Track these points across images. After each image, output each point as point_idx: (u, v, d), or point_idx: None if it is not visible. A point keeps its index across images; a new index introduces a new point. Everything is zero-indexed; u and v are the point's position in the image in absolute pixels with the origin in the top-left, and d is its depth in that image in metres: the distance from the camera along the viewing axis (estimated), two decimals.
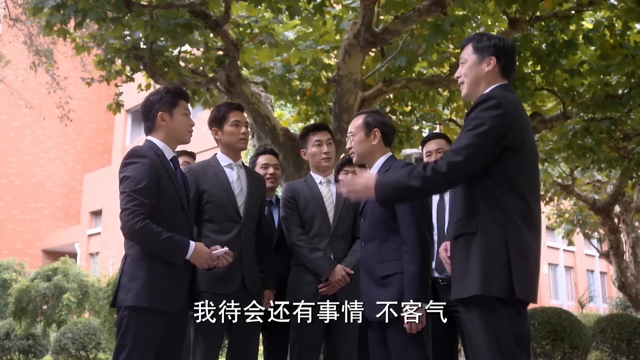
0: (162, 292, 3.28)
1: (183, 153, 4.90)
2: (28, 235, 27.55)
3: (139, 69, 7.22)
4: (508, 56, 3.02)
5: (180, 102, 3.57)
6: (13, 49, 17.08)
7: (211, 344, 3.76)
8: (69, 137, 28.59)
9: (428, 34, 6.61)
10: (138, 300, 3.23)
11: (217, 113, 4.08)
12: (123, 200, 3.28)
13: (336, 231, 4.19)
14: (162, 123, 3.51)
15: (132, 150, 3.43)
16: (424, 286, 3.33)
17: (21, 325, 14.03)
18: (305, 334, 4.02)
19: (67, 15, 5.79)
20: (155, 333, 3.27)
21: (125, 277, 3.30)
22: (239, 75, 6.72)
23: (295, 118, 9.27)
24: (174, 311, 3.34)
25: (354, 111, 6.58)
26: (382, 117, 3.74)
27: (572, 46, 6.93)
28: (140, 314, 3.24)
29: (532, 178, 2.91)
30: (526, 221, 2.80)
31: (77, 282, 14.11)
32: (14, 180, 27.55)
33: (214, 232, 3.84)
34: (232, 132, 4.01)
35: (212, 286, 3.70)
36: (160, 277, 3.29)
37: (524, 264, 2.74)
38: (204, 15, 6.09)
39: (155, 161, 3.38)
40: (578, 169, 12.80)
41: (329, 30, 7.38)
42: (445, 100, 8.61)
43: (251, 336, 3.88)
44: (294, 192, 4.28)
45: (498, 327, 2.71)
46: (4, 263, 16.72)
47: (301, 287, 4.08)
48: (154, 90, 3.63)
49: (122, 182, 3.33)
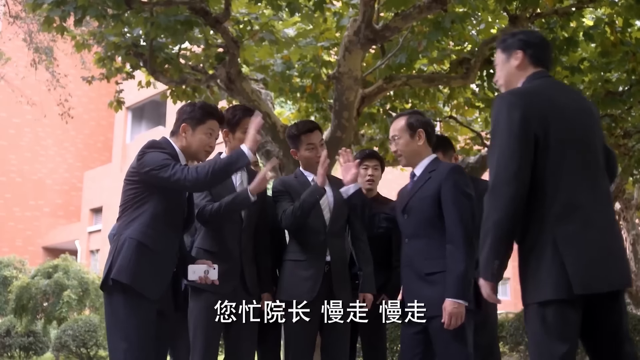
0: (146, 277, 3.32)
1: None
2: (28, 232, 27.56)
3: (139, 66, 7.20)
4: (536, 45, 3.00)
5: (208, 121, 3.59)
6: (13, 47, 17.06)
7: (212, 344, 3.76)
8: (69, 134, 28.57)
9: (428, 31, 6.60)
10: (120, 276, 3.27)
11: (232, 117, 4.03)
12: (166, 171, 3.32)
13: (332, 228, 4.14)
14: (183, 135, 3.57)
15: (152, 141, 3.51)
16: (468, 284, 3.43)
17: (22, 323, 14.06)
18: (301, 332, 3.99)
19: (66, 11, 5.78)
20: (142, 317, 3.28)
21: (115, 256, 3.34)
22: (239, 73, 6.71)
23: (295, 115, 9.26)
24: (153, 298, 3.34)
25: (354, 108, 6.57)
26: (424, 117, 3.79)
27: (573, 43, 6.92)
28: (125, 294, 3.28)
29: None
30: None
31: (77, 279, 14.13)
32: (14, 177, 27.55)
33: (215, 232, 3.89)
34: (243, 139, 3.91)
35: (210, 286, 3.70)
36: (148, 262, 3.33)
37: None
38: (204, 12, 6.09)
39: (173, 157, 3.44)
40: None
41: (329, 27, 7.36)
42: (446, 97, 8.60)
43: (250, 337, 3.89)
44: (286, 186, 4.18)
45: None
46: (4, 260, 16.72)
47: (297, 283, 4.01)
48: (194, 102, 3.75)
49: (150, 163, 3.36)
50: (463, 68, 7.23)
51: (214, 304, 3.73)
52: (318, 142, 4.23)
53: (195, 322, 3.76)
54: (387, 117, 8.56)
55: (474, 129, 9.89)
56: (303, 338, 4.01)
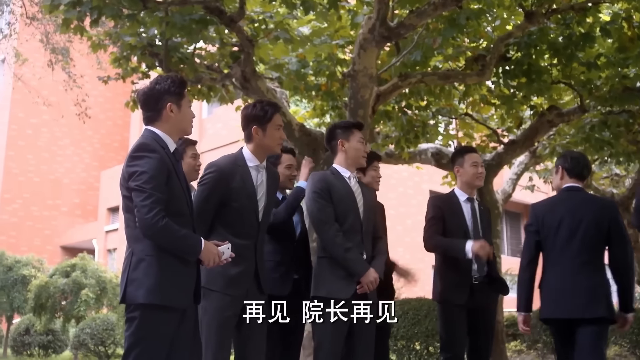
0: (174, 289, 3.24)
1: (190, 142, 4.83)
2: (46, 231, 27.78)
3: (155, 66, 7.24)
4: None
5: (185, 92, 3.47)
6: (30, 47, 17.18)
7: (225, 345, 3.74)
8: (86, 134, 28.77)
9: (443, 28, 6.57)
10: (150, 297, 3.17)
11: (263, 113, 3.91)
12: (139, 196, 3.18)
13: (365, 227, 4.17)
14: (171, 115, 3.39)
15: (141, 143, 3.32)
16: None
17: (41, 321, 14.19)
18: (336, 331, 3.99)
19: (82, 12, 5.82)
20: (167, 330, 3.23)
21: (135, 273, 3.22)
22: (254, 71, 6.73)
23: (310, 114, 9.26)
24: (184, 307, 3.32)
25: (369, 106, 6.56)
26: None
27: (589, 39, 6.87)
28: (153, 311, 3.19)
29: None
30: None
31: (95, 278, 14.23)
32: (32, 177, 27.78)
33: (232, 234, 3.75)
34: (275, 135, 3.92)
35: (225, 287, 3.70)
36: (171, 273, 3.24)
37: None
38: (218, 12, 6.10)
39: (163, 156, 3.30)
40: (595, 162, 12.69)
41: (344, 25, 7.35)
42: (461, 94, 8.57)
43: (261, 338, 3.85)
44: (327, 183, 4.15)
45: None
46: (23, 259, 16.87)
47: (335, 281, 4.03)
48: (155, 78, 3.47)
49: (134, 177, 3.23)
50: (478, 65, 7.20)
51: (227, 305, 3.70)
52: (363, 139, 4.38)
53: (208, 322, 3.71)
54: (403, 114, 8.55)
55: (489, 126, 9.84)
56: (337, 338, 4.00)
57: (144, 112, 3.46)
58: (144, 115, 3.46)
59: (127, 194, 3.29)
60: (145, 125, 3.46)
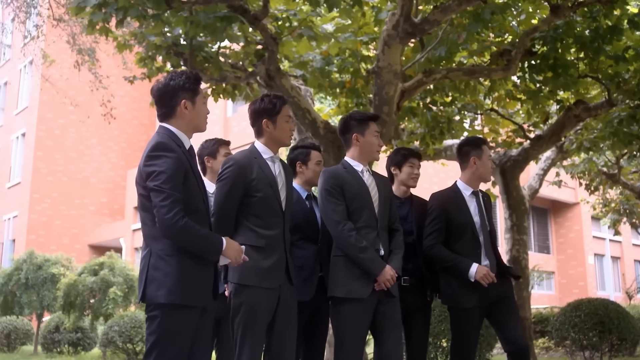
0: (194, 287, 3.23)
1: (223, 142, 4.87)
2: (75, 230, 28.15)
3: (180, 65, 7.28)
4: None
5: (200, 89, 3.45)
6: (57, 49, 17.43)
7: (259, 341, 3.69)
8: (113, 133, 29.10)
9: (468, 23, 6.53)
10: (171, 297, 3.17)
11: (272, 105, 3.92)
12: (158, 196, 3.16)
13: (381, 222, 4.14)
14: (185, 111, 3.37)
15: (158, 142, 3.27)
16: None
17: (70, 319, 14.39)
18: (355, 329, 3.99)
19: (108, 13, 5.87)
20: (188, 328, 3.24)
21: (155, 273, 3.21)
22: (279, 69, 6.74)
23: (335, 111, 9.25)
24: (204, 305, 3.32)
25: (394, 103, 6.55)
26: None
27: (617, 32, 6.77)
28: (174, 310, 3.19)
29: None
30: None
31: (122, 276, 14.38)
32: (60, 177, 28.16)
33: (259, 226, 3.75)
34: (285, 127, 3.93)
35: (260, 281, 3.67)
36: (191, 272, 3.23)
37: None
38: (242, 10, 6.12)
39: (180, 155, 3.28)
40: (624, 157, 12.54)
41: (368, 21, 7.33)
42: (487, 89, 8.50)
43: (294, 331, 3.84)
44: (340, 180, 4.13)
45: None
46: (52, 258, 17.09)
47: (351, 281, 4.00)
48: (169, 74, 3.45)
49: (152, 177, 3.20)
50: (504, 60, 7.13)
51: (263, 299, 3.67)
52: (379, 132, 4.33)
53: (244, 319, 3.65)
54: (428, 110, 8.51)
55: (515, 122, 9.76)
56: (358, 336, 4.00)
57: (158, 109, 3.44)
58: (158, 111, 3.44)
59: (145, 192, 3.27)
60: (159, 122, 3.45)
